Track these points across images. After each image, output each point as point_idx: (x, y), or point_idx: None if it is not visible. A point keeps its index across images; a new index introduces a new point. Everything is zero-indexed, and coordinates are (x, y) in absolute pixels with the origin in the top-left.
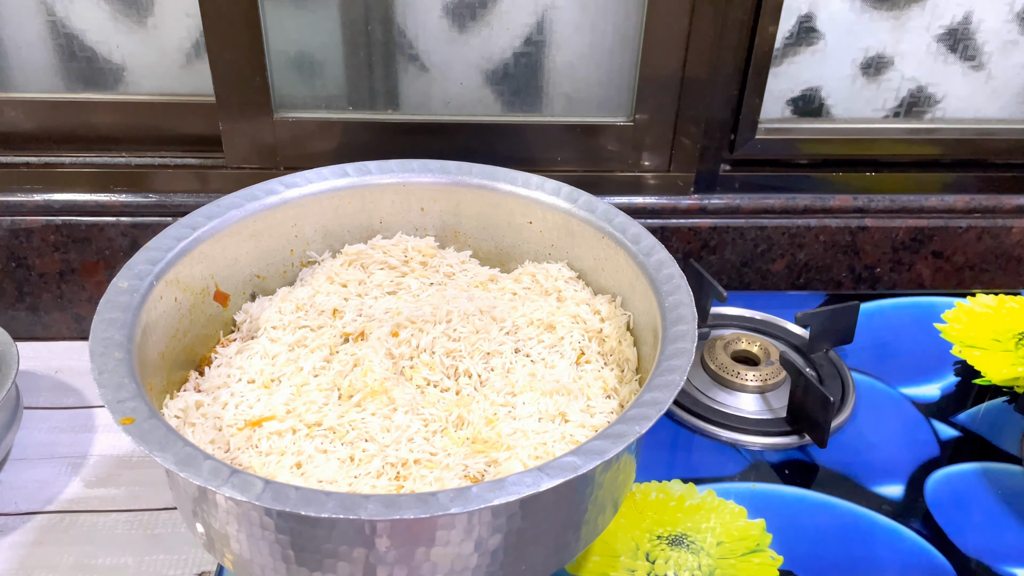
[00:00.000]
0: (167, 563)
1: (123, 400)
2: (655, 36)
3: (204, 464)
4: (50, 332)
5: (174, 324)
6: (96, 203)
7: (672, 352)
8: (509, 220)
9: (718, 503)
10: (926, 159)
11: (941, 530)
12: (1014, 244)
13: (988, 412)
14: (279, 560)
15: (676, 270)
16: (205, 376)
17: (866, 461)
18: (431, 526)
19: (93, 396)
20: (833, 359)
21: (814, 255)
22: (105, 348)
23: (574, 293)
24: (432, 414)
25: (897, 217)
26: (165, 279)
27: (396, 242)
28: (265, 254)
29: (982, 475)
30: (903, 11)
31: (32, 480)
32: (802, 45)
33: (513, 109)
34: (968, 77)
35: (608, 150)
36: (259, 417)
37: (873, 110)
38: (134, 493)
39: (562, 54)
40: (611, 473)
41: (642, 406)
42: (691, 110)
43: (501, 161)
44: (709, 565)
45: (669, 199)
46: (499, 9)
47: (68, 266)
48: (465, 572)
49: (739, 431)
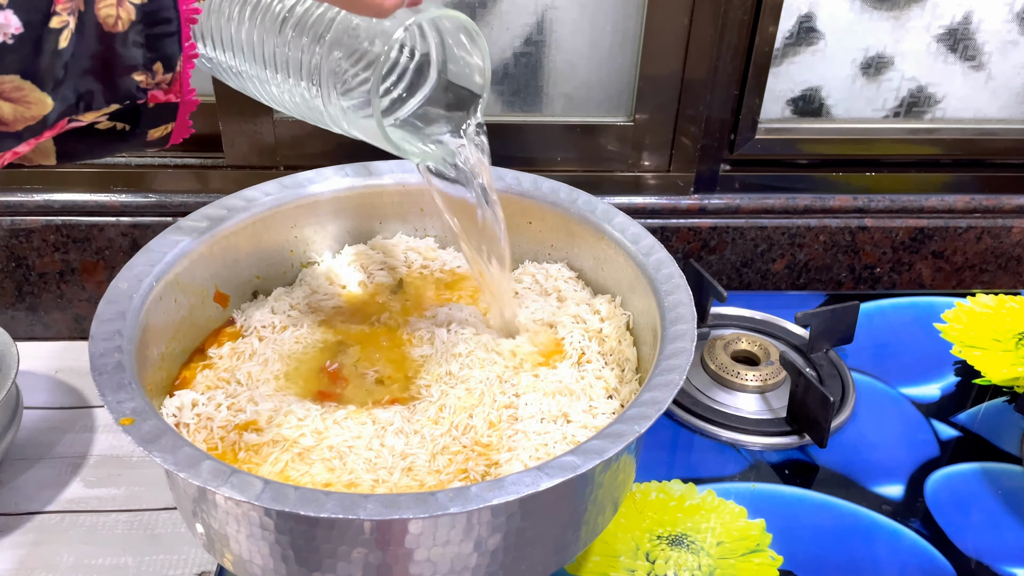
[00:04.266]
0: (167, 563)
1: (123, 401)
2: (655, 36)
3: (204, 464)
4: (50, 332)
5: (174, 325)
6: (96, 203)
7: (671, 352)
8: (509, 220)
9: (718, 503)
10: (926, 159)
11: (941, 530)
12: (1014, 244)
13: (988, 412)
14: (279, 560)
15: (675, 270)
16: (201, 375)
17: (866, 461)
18: (431, 526)
19: (93, 396)
20: (833, 359)
21: (814, 255)
22: (105, 348)
23: (574, 293)
24: (429, 433)
25: (897, 217)
26: (165, 280)
27: (396, 243)
28: (265, 255)
29: (982, 475)
30: (903, 11)
31: (32, 480)
32: (802, 45)
33: (513, 109)
34: (968, 77)
35: (608, 150)
36: (245, 422)
37: (873, 110)
38: (134, 493)
39: (562, 54)
40: (611, 473)
41: (641, 405)
42: (691, 110)
43: (501, 161)
44: (709, 565)
45: (669, 199)
46: (499, 9)
47: (68, 266)
48: (465, 572)
49: (739, 431)
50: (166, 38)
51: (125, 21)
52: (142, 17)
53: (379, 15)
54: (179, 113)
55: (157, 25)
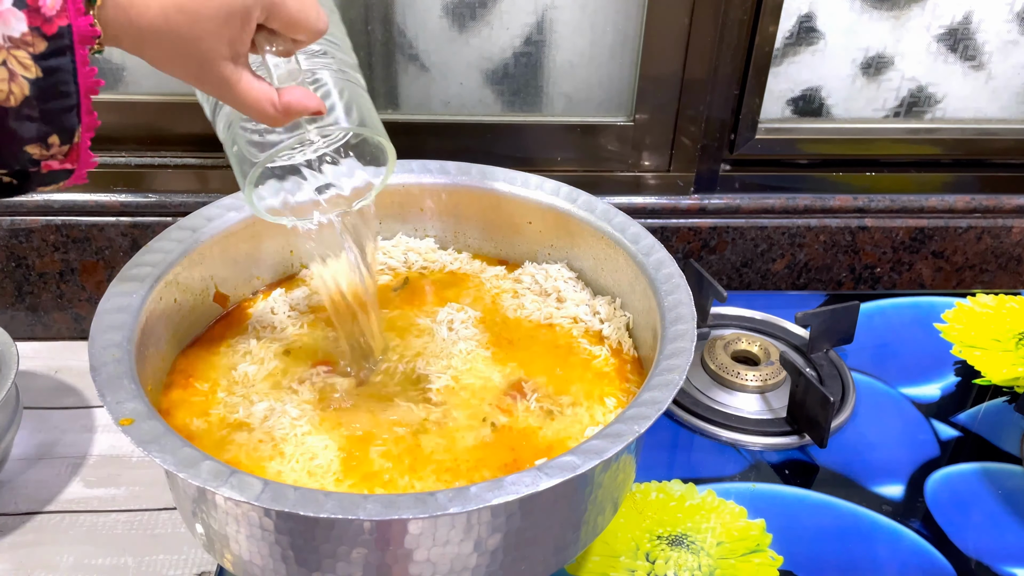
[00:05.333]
0: (167, 563)
1: (122, 401)
2: (655, 36)
3: (203, 465)
4: (50, 332)
5: (174, 325)
6: (96, 203)
7: (671, 352)
8: (508, 220)
9: (718, 503)
10: (926, 159)
11: (941, 530)
12: (1014, 244)
13: (988, 412)
14: (278, 560)
15: (675, 269)
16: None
17: (866, 461)
18: (430, 526)
19: (93, 396)
20: (833, 359)
21: (814, 255)
22: (104, 349)
23: (574, 294)
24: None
25: (897, 217)
26: (165, 280)
27: (396, 243)
28: (265, 255)
29: (982, 475)
30: (903, 11)
31: (32, 480)
32: (802, 45)
33: (513, 109)
34: (968, 77)
35: (608, 150)
36: (237, 420)
37: (873, 110)
38: (134, 493)
39: (562, 54)
40: (610, 473)
41: (641, 405)
42: (691, 110)
43: (501, 161)
44: (709, 565)
45: (669, 199)
46: (499, 9)
47: (68, 266)
48: (464, 572)
49: (739, 431)
50: (63, 112)
51: (18, 96)
52: (37, 93)
53: (270, 124)
54: (75, 174)
55: (53, 100)
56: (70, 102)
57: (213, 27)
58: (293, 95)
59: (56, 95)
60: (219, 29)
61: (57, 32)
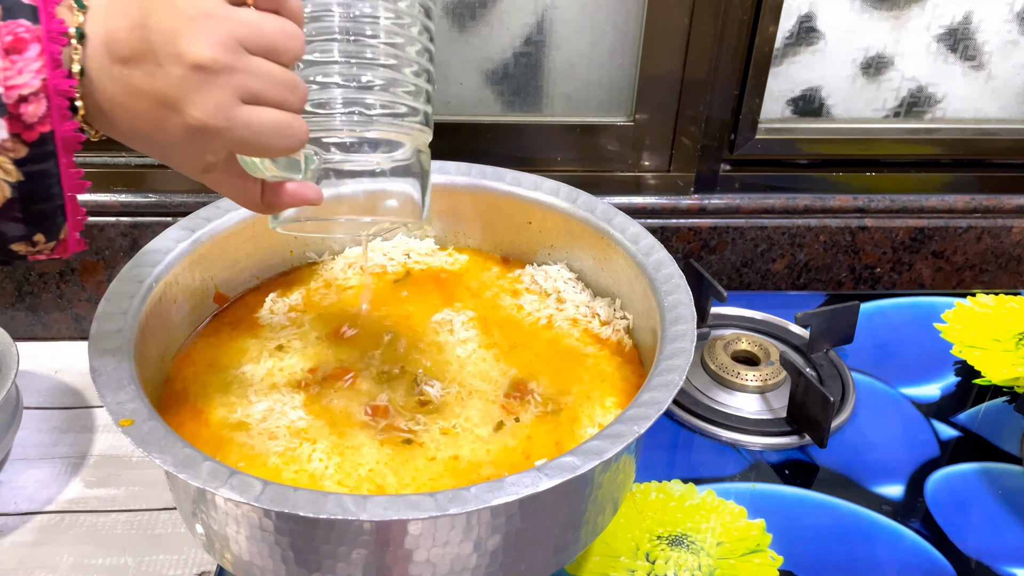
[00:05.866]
0: (167, 563)
1: (122, 402)
2: (655, 36)
3: (203, 465)
4: (50, 332)
5: (174, 325)
6: (96, 203)
7: (671, 352)
8: (508, 220)
9: (718, 503)
10: (926, 159)
11: (941, 530)
12: (1014, 244)
13: (988, 412)
14: (278, 561)
15: (675, 270)
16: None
17: (866, 461)
18: (430, 527)
19: (93, 396)
20: (833, 359)
21: (814, 255)
22: (104, 348)
23: (574, 294)
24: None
25: (897, 217)
26: (165, 281)
27: (396, 244)
28: (265, 256)
29: (982, 475)
30: (903, 11)
31: (32, 480)
32: (802, 45)
33: (513, 109)
34: (968, 77)
35: (608, 150)
36: (236, 421)
37: (873, 110)
38: (134, 493)
39: (562, 54)
40: (610, 473)
41: (641, 406)
42: (691, 110)
43: (501, 161)
44: (709, 565)
45: (669, 199)
46: (499, 9)
47: (68, 266)
48: (464, 572)
49: (739, 431)
50: (48, 213)
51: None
52: (20, 196)
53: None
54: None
55: (37, 203)
56: (55, 203)
57: (176, 153)
58: (283, 195)
59: (40, 198)
60: (182, 154)
61: (39, 139)
